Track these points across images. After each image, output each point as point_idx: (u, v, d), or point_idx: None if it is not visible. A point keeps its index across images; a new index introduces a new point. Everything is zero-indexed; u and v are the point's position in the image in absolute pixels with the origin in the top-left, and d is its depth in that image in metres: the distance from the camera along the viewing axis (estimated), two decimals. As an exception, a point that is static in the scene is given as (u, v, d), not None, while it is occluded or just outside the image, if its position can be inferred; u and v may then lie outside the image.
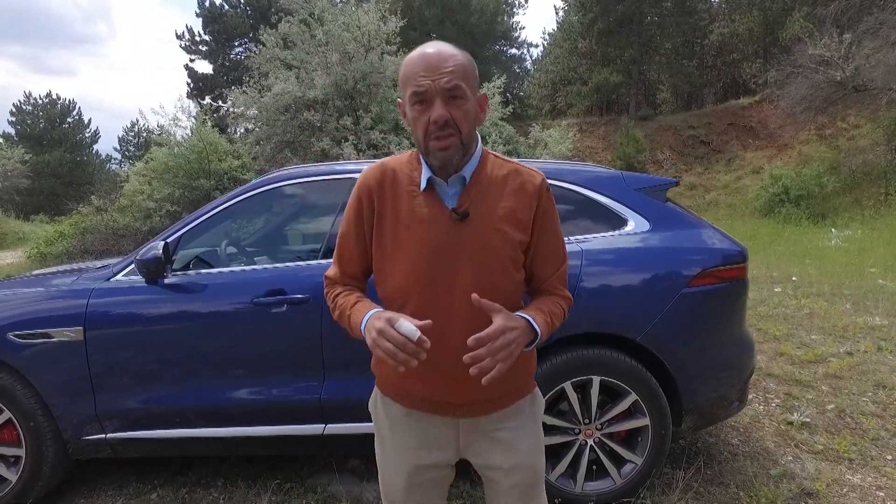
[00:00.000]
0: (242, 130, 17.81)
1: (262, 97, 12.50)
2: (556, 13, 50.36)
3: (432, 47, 1.13)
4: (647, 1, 24.77)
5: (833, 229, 11.09)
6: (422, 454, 1.28)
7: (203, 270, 2.47)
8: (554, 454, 2.32)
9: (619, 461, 2.34)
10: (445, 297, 1.17)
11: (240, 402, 2.33)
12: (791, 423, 3.13)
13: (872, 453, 2.82)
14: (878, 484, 2.55)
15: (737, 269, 2.40)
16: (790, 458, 2.78)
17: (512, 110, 16.36)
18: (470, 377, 1.06)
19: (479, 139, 1.24)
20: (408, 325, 1.05)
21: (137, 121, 42.15)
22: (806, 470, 2.64)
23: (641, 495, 2.33)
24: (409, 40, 17.11)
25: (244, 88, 13.05)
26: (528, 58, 37.58)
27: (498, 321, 1.06)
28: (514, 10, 31.61)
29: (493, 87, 14.90)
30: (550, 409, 2.32)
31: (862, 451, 2.82)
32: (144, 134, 36.68)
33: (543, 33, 64.47)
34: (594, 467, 2.33)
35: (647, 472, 2.31)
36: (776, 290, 6.70)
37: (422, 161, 1.20)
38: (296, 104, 12.35)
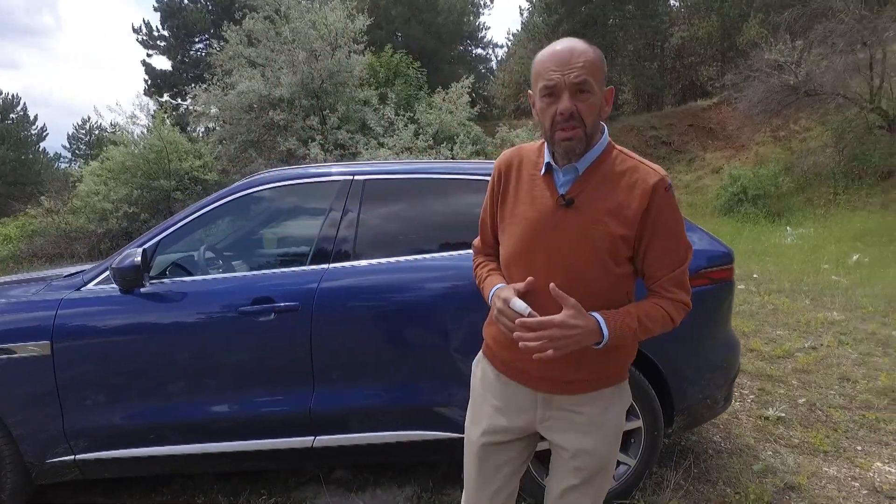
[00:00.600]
0: (203, 129, 17.32)
1: (225, 95, 12.17)
2: (521, 14, 50.75)
3: (563, 44, 1.20)
4: (611, 4, 25.21)
5: (788, 227, 11.54)
6: (499, 415, 1.37)
7: (181, 278, 2.36)
8: (547, 460, 2.31)
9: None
10: (540, 273, 1.24)
11: (223, 416, 2.23)
12: (767, 419, 3.22)
13: (844, 445, 2.92)
14: (852, 475, 2.64)
15: (724, 271, 2.44)
16: (770, 452, 2.85)
17: (479, 111, 16.39)
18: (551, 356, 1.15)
19: (606, 132, 1.28)
20: (519, 304, 1.20)
21: (89, 118, 40.41)
22: (786, 464, 2.72)
23: (634, 496, 2.35)
24: (375, 39, 16.95)
25: (207, 86, 12.66)
26: (493, 58, 37.67)
27: (562, 315, 1.15)
28: (480, 10, 31.71)
29: (462, 86, 14.89)
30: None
31: (835, 444, 2.92)
32: (97, 132, 35.17)
33: (508, 34, 64.89)
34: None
35: (641, 473, 2.33)
36: (740, 287, 6.90)
37: (546, 148, 1.29)
38: (261, 103, 12.08)
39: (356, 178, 2.45)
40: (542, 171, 1.28)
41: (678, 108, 24.99)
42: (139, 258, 2.12)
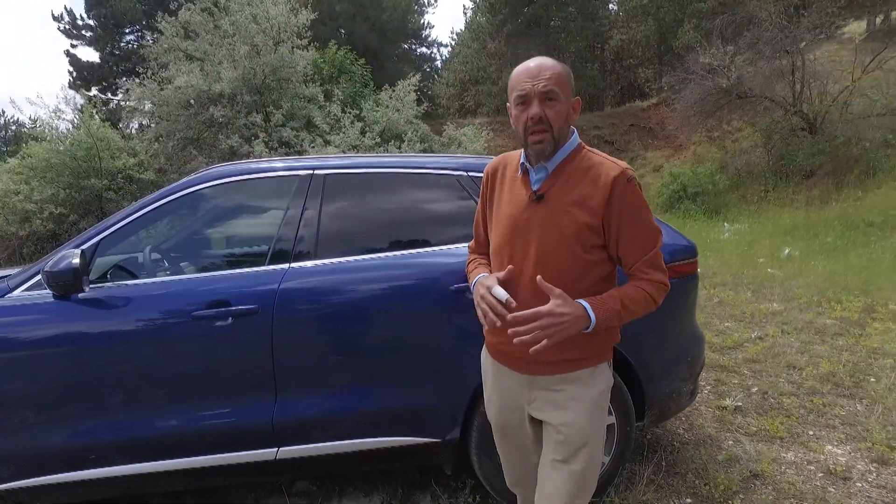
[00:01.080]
0: (138, 126, 16.41)
1: (161, 90, 11.54)
2: (465, 14, 51.07)
3: (535, 61, 1.37)
4: (553, 5, 25.71)
5: (726, 223, 12.10)
6: (499, 399, 1.56)
7: (125, 281, 2.15)
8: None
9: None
10: (519, 263, 1.40)
11: (175, 431, 2.05)
12: (725, 408, 3.30)
13: (798, 430, 3.03)
14: (807, 459, 2.74)
15: (689, 264, 2.47)
16: (731, 442, 2.92)
17: (426, 110, 16.32)
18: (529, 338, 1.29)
19: (575, 136, 1.44)
20: (499, 291, 1.36)
21: (3, 112, 37.52)
22: (748, 452, 2.79)
23: (609, 493, 2.33)
24: (319, 35, 16.53)
25: (141, 80, 11.97)
26: (438, 57, 37.72)
27: (550, 304, 1.27)
28: (424, 8, 31.64)
29: (409, 84, 14.77)
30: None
31: (789, 430, 3.03)
32: (14, 127, 32.67)
33: (452, 33, 65.19)
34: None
35: (615, 470, 2.31)
36: (686, 281, 7.13)
37: (522, 152, 1.46)
38: (200, 99, 11.53)
39: (316, 172, 2.32)
40: (520, 172, 1.46)
41: (619, 108, 25.82)
42: (77, 260, 1.91)
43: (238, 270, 2.15)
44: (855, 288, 6.32)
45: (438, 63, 36.12)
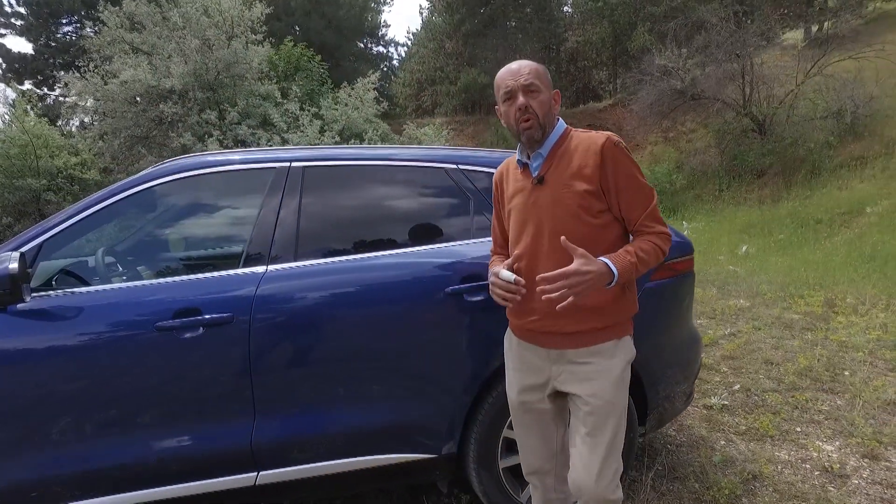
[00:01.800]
0: (79, 123, 15.50)
1: (106, 85, 10.87)
2: (421, 14, 50.93)
3: (515, 63, 1.53)
4: (510, 6, 25.86)
5: (685, 222, 12.38)
6: (522, 376, 1.63)
7: (75, 289, 1.88)
8: (520, 473, 2.12)
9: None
10: (536, 244, 1.52)
11: (138, 460, 1.80)
12: (712, 408, 3.25)
13: (786, 427, 3.00)
14: (801, 457, 2.70)
15: (685, 262, 2.37)
16: (723, 442, 2.86)
17: (385, 109, 16.06)
18: (555, 311, 1.40)
19: (561, 122, 1.57)
20: (506, 273, 1.50)
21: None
22: (742, 452, 2.73)
23: None
24: (274, 31, 16.03)
25: (82, 74, 11.24)
26: (395, 56, 37.44)
27: (574, 264, 1.37)
28: (381, 6, 31.31)
29: (368, 82, 14.50)
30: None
31: (778, 427, 3.00)
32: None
33: (408, 33, 64.88)
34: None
35: (620, 478, 2.18)
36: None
37: (518, 148, 1.61)
38: (149, 94, 10.94)
39: (294, 164, 2.10)
40: (519, 168, 1.60)
41: (576, 109, 26.20)
42: (16, 265, 1.63)
43: (208, 275, 1.90)
44: (813, 283, 6.49)
45: (395, 62, 35.81)
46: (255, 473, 1.86)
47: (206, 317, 1.80)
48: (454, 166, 2.23)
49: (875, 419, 3.06)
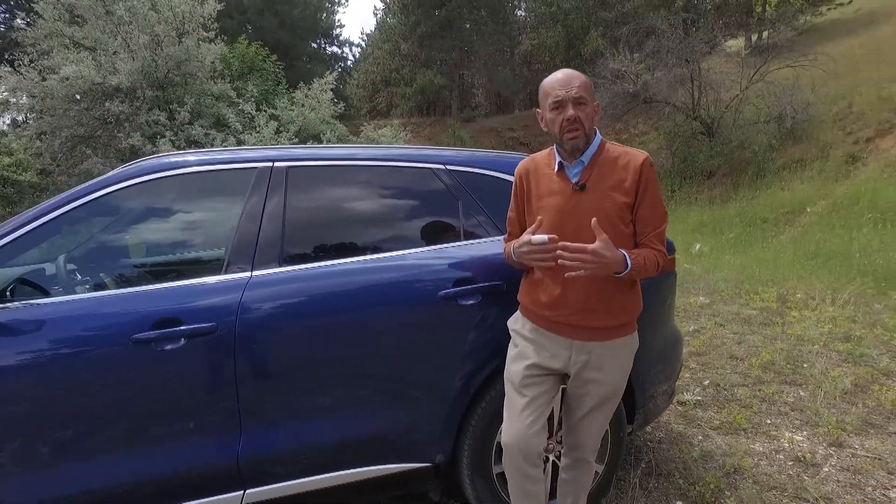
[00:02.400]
0: (10, 121, 14.59)
1: (44, 80, 10.25)
2: (375, 15, 50.56)
3: (564, 72, 1.64)
4: (466, 8, 26.01)
5: (639, 222, 12.73)
6: (537, 356, 1.71)
7: (34, 300, 1.73)
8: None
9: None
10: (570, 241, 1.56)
11: (113, 483, 1.67)
12: (686, 404, 3.33)
13: (756, 420, 3.10)
14: (774, 448, 2.80)
15: (670, 261, 2.41)
16: (700, 437, 2.92)
17: (343, 110, 15.84)
18: (585, 306, 1.64)
19: (598, 133, 1.70)
20: (538, 237, 1.56)
21: None
22: (720, 447, 2.79)
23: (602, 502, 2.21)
24: (226, 29, 15.55)
25: (16, 68, 10.57)
26: (349, 57, 37.01)
27: (595, 244, 1.48)
28: (335, 6, 30.91)
29: (325, 83, 14.28)
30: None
31: (750, 420, 3.09)
32: None
33: (362, 33, 64.29)
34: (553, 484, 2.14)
35: (609, 478, 2.19)
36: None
37: (555, 151, 1.72)
38: (93, 92, 10.39)
39: (277, 164, 2.01)
40: (556, 168, 1.69)
41: (530, 111, 26.60)
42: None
43: (188, 282, 1.79)
44: (766, 280, 6.78)
45: (350, 63, 35.44)
46: (242, 492, 1.76)
47: (188, 327, 1.69)
48: (443, 167, 2.19)
49: (836, 408, 3.20)
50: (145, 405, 1.69)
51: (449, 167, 2.19)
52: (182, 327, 1.68)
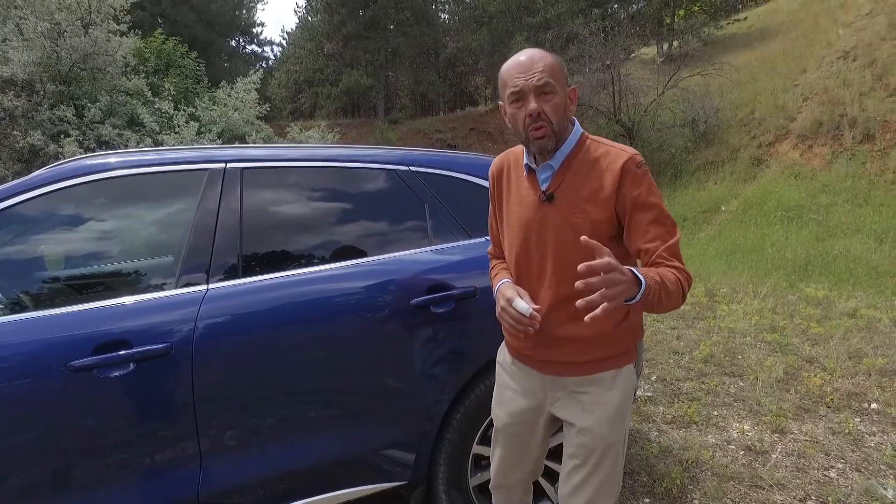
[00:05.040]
0: None
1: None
2: (296, 13, 49.27)
3: (525, 53, 1.29)
4: (391, 8, 25.89)
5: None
6: (516, 397, 1.48)
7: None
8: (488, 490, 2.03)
9: (553, 479, 2.15)
10: (537, 267, 1.36)
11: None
12: (636, 400, 3.40)
13: (705, 413, 3.22)
14: (725, 439, 2.91)
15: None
16: (656, 433, 2.99)
17: (267, 111, 15.26)
18: (554, 338, 1.34)
19: (576, 126, 1.36)
20: (521, 304, 1.29)
21: None
22: (676, 441, 2.87)
23: None
24: (138, 21, 14.55)
25: None
26: (270, 56, 35.80)
27: (606, 258, 1.04)
28: (254, 3, 29.79)
29: (250, 82, 13.71)
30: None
31: (699, 413, 3.20)
32: None
33: (282, 32, 62.46)
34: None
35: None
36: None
37: (524, 150, 1.40)
38: (-18, 84, 9.36)
39: (230, 165, 1.83)
40: (525, 172, 1.39)
41: (458, 113, 26.89)
42: None
43: (135, 298, 1.58)
44: (693, 276, 7.14)
45: (272, 62, 34.32)
46: (204, 530, 1.58)
47: (138, 349, 1.49)
48: (406, 168, 2.09)
49: (773, 396, 3.39)
50: (88, 442, 1.47)
51: (412, 168, 2.09)
52: (130, 350, 1.48)
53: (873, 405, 3.23)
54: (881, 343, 4.26)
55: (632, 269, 1.11)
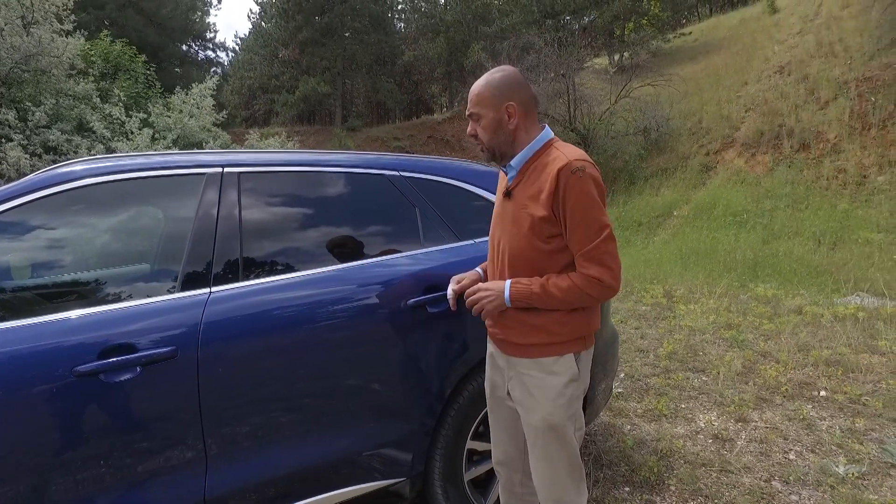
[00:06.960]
0: None
1: None
2: (249, 18, 48.37)
3: (477, 82, 1.54)
4: (347, 16, 25.80)
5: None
6: (491, 370, 1.72)
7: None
8: (482, 484, 2.12)
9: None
10: (498, 254, 1.59)
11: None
12: (614, 396, 3.55)
13: (673, 406, 3.39)
14: (693, 429, 3.07)
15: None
16: (629, 427, 3.13)
17: (225, 117, 14.94)
18: (502, 319, 1.57)
19: (544, 132, 1.53)
20: (450, 288, 1.72)
21: None
22: (649, 433, 3.01)
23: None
24: (83, 24, 13.97)
25: None
26: (224, 61, 34.97)
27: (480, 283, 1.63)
28: (207, 7, 29.11)
29: (206, 88, 13.40)
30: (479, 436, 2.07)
31: (669, 406, 3.37)
32: None
33: (235, 37, 61.19)
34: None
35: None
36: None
37: None
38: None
39: (227, 170, 1.84)
40: (502, 171, 1.63)
41: (416, 120, 27.00)
42: None
43: (139, 303, 1.57)
44: (651, 278, 7.46)
45: (225, 68, 33.56)
46: (210, 533, 1.58)
47: (143, 353, 1.49)
48: (397, 173, 2.15)
49: (734, 388, 3.60)
50: (93, 447, 1.45)
51: (403, 173, 2.15)
52: (136, 354, 1.48)
53: (822, 392, 3.48)
54: (825, 336, 4.57)
55: (505, 285, 1.48)
